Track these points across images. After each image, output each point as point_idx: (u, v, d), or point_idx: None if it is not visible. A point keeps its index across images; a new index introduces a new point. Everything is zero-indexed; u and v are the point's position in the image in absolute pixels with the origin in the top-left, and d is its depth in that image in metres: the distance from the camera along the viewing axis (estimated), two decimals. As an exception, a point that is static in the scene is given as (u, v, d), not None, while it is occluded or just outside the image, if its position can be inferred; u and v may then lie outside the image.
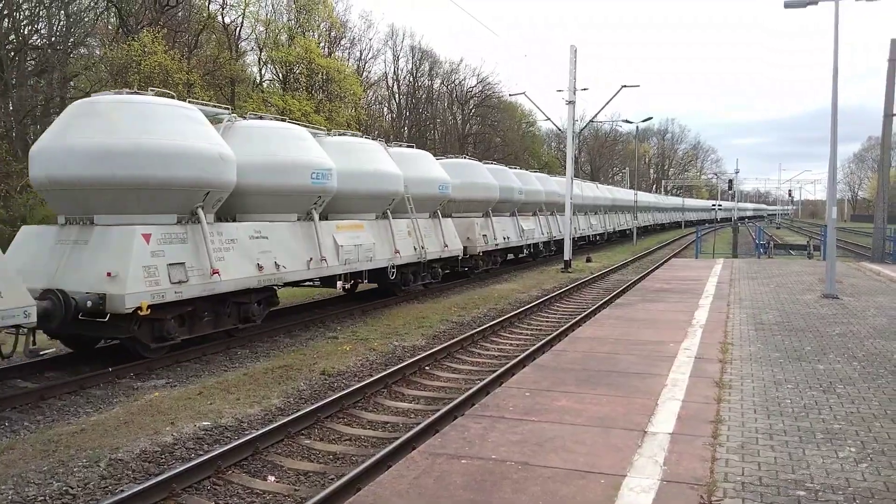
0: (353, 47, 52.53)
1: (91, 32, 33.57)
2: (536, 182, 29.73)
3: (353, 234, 15.57)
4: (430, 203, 19.76)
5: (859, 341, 9.91)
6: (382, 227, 17.04)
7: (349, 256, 15.13)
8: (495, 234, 23.68)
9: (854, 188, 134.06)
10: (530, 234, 27.58)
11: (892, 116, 25.20)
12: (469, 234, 21.88)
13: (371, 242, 16.06)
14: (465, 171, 23.04)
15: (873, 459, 5.36)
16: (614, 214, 47.02)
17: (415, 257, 18.04)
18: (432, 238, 19.32)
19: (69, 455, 6.93)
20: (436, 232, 19.64)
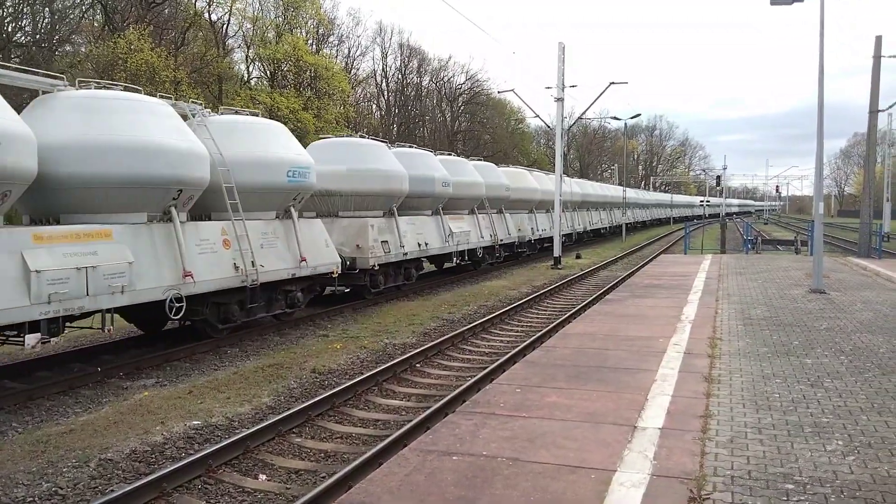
0: (341, 44, 52.51)
1: (76, 30, 33.34)
2: (474, 173, 24.02)
3: None
4: (271, 199, 13.56)
5: (846, 335, 10.00)
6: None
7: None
8: (402, 240, 18.07)
9: (840, 184, 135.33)
10: (463, 238, 22.07)
11: (877, 112, 25.44)
12: (360, 241, 16.48)
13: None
14: (343, 155, 17.49)
15: (860, 452, 5.42)
16: (602, 211, 46.84)
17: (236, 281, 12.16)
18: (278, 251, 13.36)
19: (58, 455, 6.89)
20: (286, 241, 13.64)
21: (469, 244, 22.57)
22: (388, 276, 17.97)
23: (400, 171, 18.34)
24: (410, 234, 18.85)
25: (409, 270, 19.24)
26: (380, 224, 17.39)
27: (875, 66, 24.70)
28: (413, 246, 18.80)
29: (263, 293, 12.80)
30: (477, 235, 23.38)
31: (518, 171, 30.61)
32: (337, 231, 16.62)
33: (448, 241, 21.01)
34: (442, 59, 64.69)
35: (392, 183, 17.97)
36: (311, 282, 14.59)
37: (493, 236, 24.62)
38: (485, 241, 23.83)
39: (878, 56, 24.63)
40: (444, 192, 20.92)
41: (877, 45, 24.73)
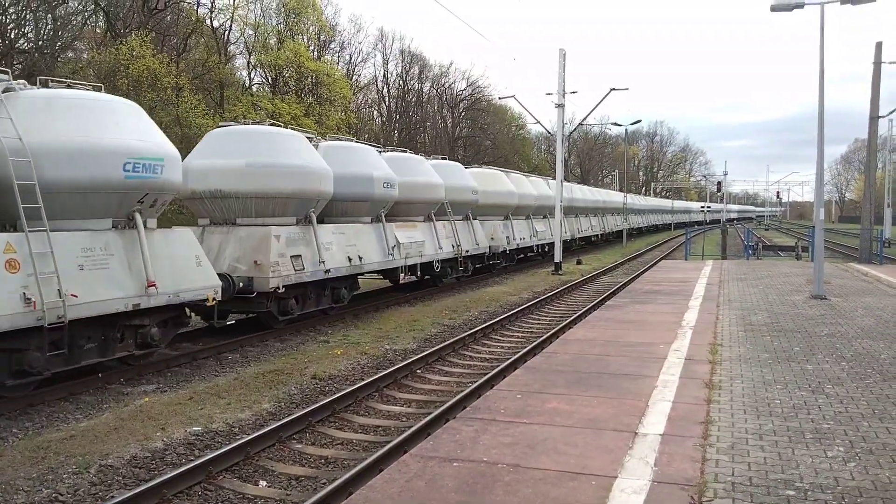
0: (342, 51, 52.65)
1: (79, 36, 33.46)
2: (430, 173, 20.53)
3: None
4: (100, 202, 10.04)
5: (847, 341, 9.99)
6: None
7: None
8: (322, 255, 14.38)
9: (841, 190, 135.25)
10: (414, 250, 18.63)
11: (878, 119, 25.47)
12: (259, 256, 12.93)
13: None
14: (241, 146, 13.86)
15: (861, 458, 5.41)
16: (603, 217, 46.44)
17: None
18: None
19: (59, 462, 6.88)
20: None
21: (423, 256, 19.01)
22: (305, 298, 14.39)
23: (320, 168, 14.60)
24: (338, 246, 15.15)
25: (339, 291, 15.49)
26: (289, 234, 13.63)
27: (875, 72, 24.72)
28: (341, 261, 15.07)
29: (92, 332, 9.66)
30: (434, 246, 19.86)
31: (490, 173, 27.16)
32: (233, 243, 13.22)
33: (393, 254, 17.41)
34: (443, 65, 65.06)
35: (308, 182, 14.17)
36: (175, 313, 11.11)
37: (455, 247, 21.15)
38: (444, 253, 20.33)
39: (878, 62, 24.65)
40: (387, 194, 17.31)
41: (877, 51, 24.77)
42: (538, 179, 33.82)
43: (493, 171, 27.86)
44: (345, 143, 17.56)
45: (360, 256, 15.81)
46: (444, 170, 21.93)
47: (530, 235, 29.42)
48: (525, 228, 28.95)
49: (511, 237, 26.83)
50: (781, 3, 14.92)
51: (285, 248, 13.41)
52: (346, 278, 15.74)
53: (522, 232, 28.45)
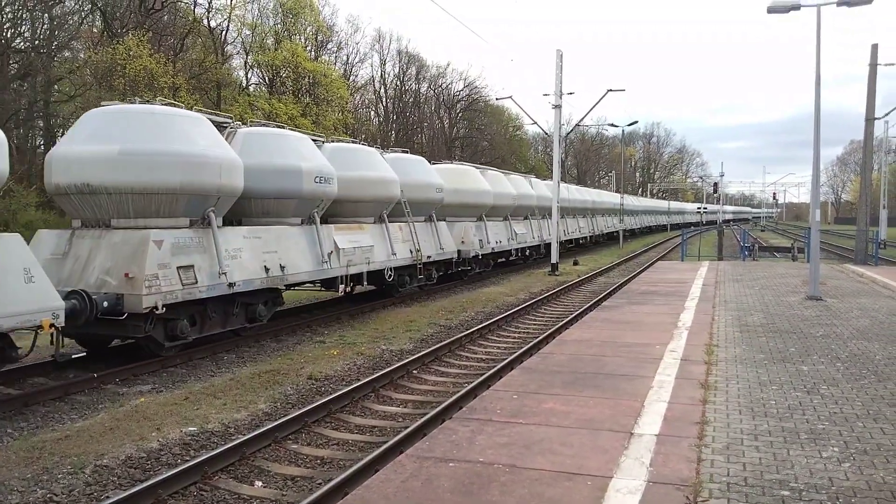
0: (339, 51, 52.60)
1: (75, 36, 33.37)
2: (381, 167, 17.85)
3: None
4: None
5: (843, 342, 10.02)
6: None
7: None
8: (222, 265, 11.64)
9: (837, 191, 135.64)
10: (359, 256, 16.01)
11: (873, 120, 25.54)
12: (132, 268, 10.39)
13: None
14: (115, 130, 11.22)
15: (856, 459, 5.42)
16: (593, 218, 45.53)
17: None
18: None
19: (53, 462, 6.86)
20: None
21: (371, 264, 16.42)
22: (204, 318, 11.83)
23: (222, 157, 11.87)
24: (251, 253, 12.47)
25: (254, 307, 12.83)
26: (177, 239, 11.06)
27: (871, 74, 24.81)
28: (254, 271, 12.40)
29: None
30: (386, 252, 17.27)
31: (461, 169, 24.67)
32: (105, 251, 10.72)
33: (330, 262, 14.73)
34: (440, 65, 65.11)
35: (204, 174, 11.49)
36: None
37: (415, 252, 18.61)
38: (400, 260, 17.81)
39: (874, 64, 24.74)
40: (320, 191, 14.59)
41: (873, 53, 24.85)
42: (518, 177, 31.06)
43: (464, 167, 25.45)
44: (269, 130, 14.75)
45: (282, 265, 13.08)
46: (403, 164, 19.35)
47: (508, 238, 26.70)
48: (502, 231, 26.39)
49: (485, 240, 24.02)
50: (778, 4, 14.96)
51: (170, 258, 10.79)
52: (263, 292, 12.92)
53: (499, 234, 25.78)
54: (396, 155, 20.26)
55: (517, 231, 27.79)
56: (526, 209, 29.68)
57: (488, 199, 24.78)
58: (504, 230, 26.63)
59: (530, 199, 29.88)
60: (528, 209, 29.88)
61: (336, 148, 16.95)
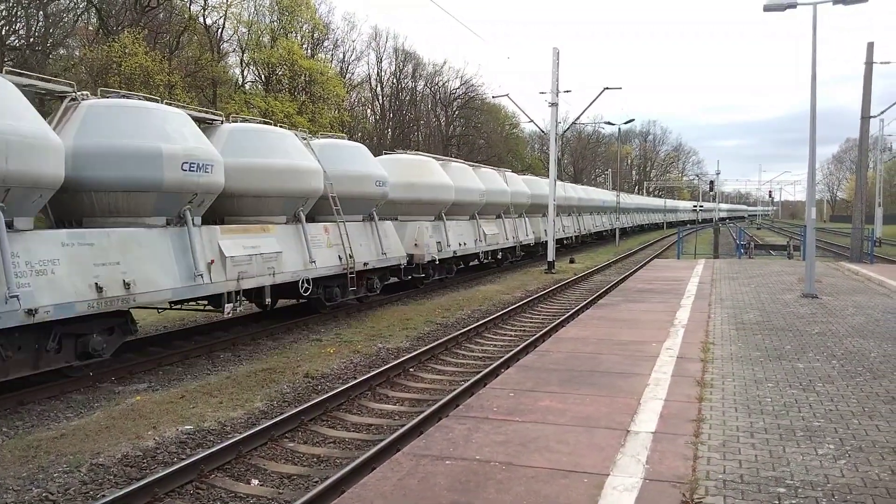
0: (336, 49, 52.55)
1: (70, 33, 33.29)
2: (294, 152, 14.26)
3: None
4: None
5: (838, 340, 10.04)
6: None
7: None
8: (10, 283, 8.21)
9: (833, 189, 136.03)
10: (260, 267, 12.64)
11: (869, 118, 25.60)
12: None
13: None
14: None
15: (851, 456, 5.44)
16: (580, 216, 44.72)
17: None
18: None
19: (49, 461, 6.85)
20: None
21: (277, 275, 13.01)
22: None
23: (25, 132, 8.58)
24: (71, 266, 9.18)
25: (87, 339, 9.66)
26: None
27: (867, 72, 24.87)
28: (78, 291, 9.16)
29: None
30: (302, 259, 13.81)
31: (413, 160, 21.34)
32: None
33: (208, 275, 11.39)
34: (437, 63, 64.76)
35: None
36: None
37: (346, 258, 15.12)
38: (322, 269, 14.38)
39: (869, 62, 24.80)
40: (193, 182, 11.22)
41: (868, 51, 24.91)
42: (490, 171, 27.66)
43: (420, 157, 22.17)
44: (122, 103, 11.25)
45: (127, 281, 9.84)
46: (332, 152, 16.05)
47: (475, 240, 23.56)
48: (468, 231, 23.19)
49: (444, 243, 20.82)
50: (774, 3, 14.97)
51: None
52: (98, 319, 9.73)
53: (464, 236, 22.62)
54: (327, 141, 16.93)
55: (486, 231, 24.67)
56: (498, 206, 26.54)
57: (448, 194, 21.13)
58: (470, 231, 23.43)
59: (503, 195, 26.64)
60: (501, 207, 26.75)
61: (235, 130, 13.53)
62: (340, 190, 15.59)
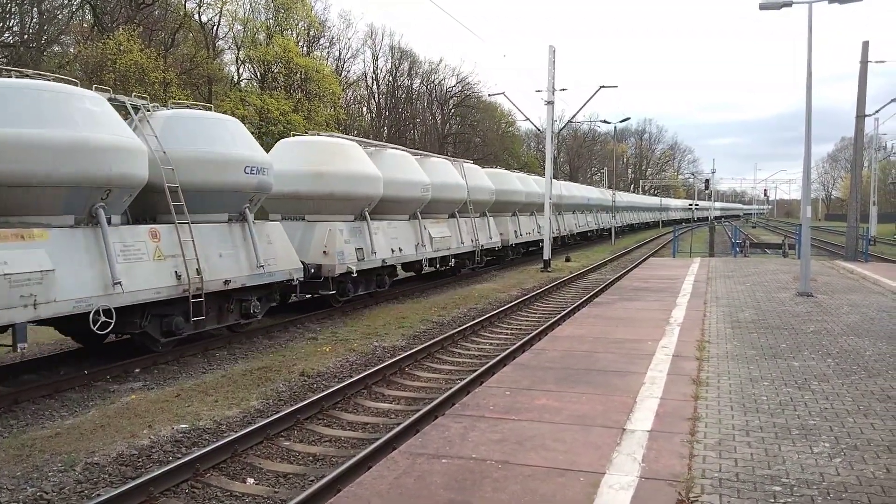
0: (331, 46, 52.44)
1: (65, 30, 33.14)
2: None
3: None
4: None
5: (833, 338, 10.07)
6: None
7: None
8: None
9: (828, 188, 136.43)
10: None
11: (864, 117, 25.67)
12: None
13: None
14: None
15: (847, 454, 5.45)
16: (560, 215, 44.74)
17: None
18: None
19: (44, 460, 6.82)
20: None
21: (40, 306, 8.77)
22: None
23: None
24: None
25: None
26: None
27: (862, 71, 24.90)
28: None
29: None
30: (94, 281, 9.62)
31: (326, 143, 16.84)
32: None
33: None
34: (433, 61, 65.08)
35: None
36: None
37: (187, 278, 10.96)
38: (150, 290, 10.46)
39: (864, 61, 24.84)
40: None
41: (863, 50, 24.95)
42: (442, 161, 23.04)
43: (334, 140, 17.43)
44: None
45: None
46: (177, 128, 11.82)
47: (417, 244, 19.41)
48: (406, 234, 19.06)
49: (368, 249, 16.64)
50: (770, 1, 14.99)
51: None
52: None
53: (400, 240, 18.49)
54: (173, 112, 12.29)
55: (433, 234, 20.51)
56: (450, 204, 22.03)
57: (372, 188, 16.81)
58: (410, 233, 19.33)
59: (458, 190, 22.36)
60: (455, 204, 22.19)
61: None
62: (187, 180, 11.48)
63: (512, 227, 28.24)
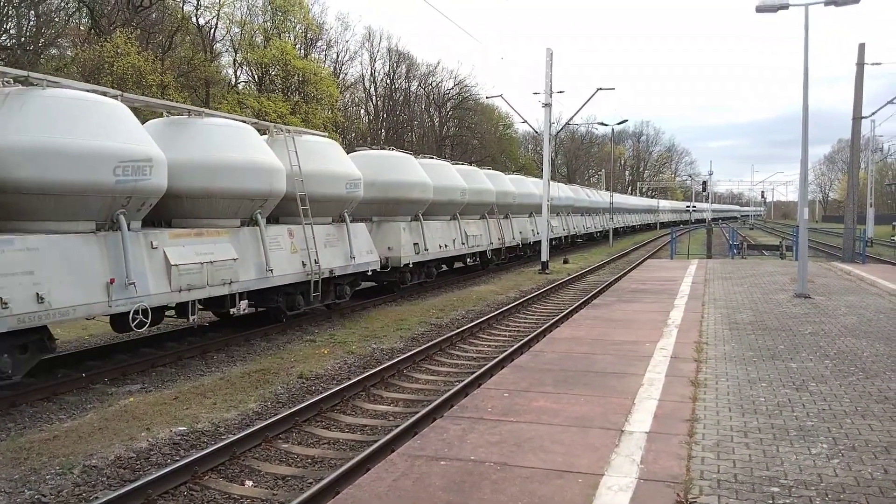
0: (329, 49, 52.49)
1: (62, 33, 33.11)
2: None
3: None
4: None
5: (831, 340, 10.08)
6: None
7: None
8: None
9: (825, 189, 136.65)
10: None
11: (860, 119, 25.71)
12: None
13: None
14: None
15: (844, 455, 5.46)
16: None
17: None
18: None
19: (42, 462, 6.81)
20: None
21: None
22: None
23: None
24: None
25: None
26: None
27: (858, 73, 24.97)
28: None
29: None
30: None
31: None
32: None
33: None
34: (430, 64, 64.96)
35: None
36: None
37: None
38: None
39: (861, 63, 24.90)
40: None
41: (860, 52, 25.01)
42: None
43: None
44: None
45: None
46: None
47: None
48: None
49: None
50: (766, 4, 15.03)
51: None
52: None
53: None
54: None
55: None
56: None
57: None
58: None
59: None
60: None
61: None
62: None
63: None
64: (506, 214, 28.14)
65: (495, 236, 25.89)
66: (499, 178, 27.97)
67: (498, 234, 26.34)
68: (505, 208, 27.80)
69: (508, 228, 28.02)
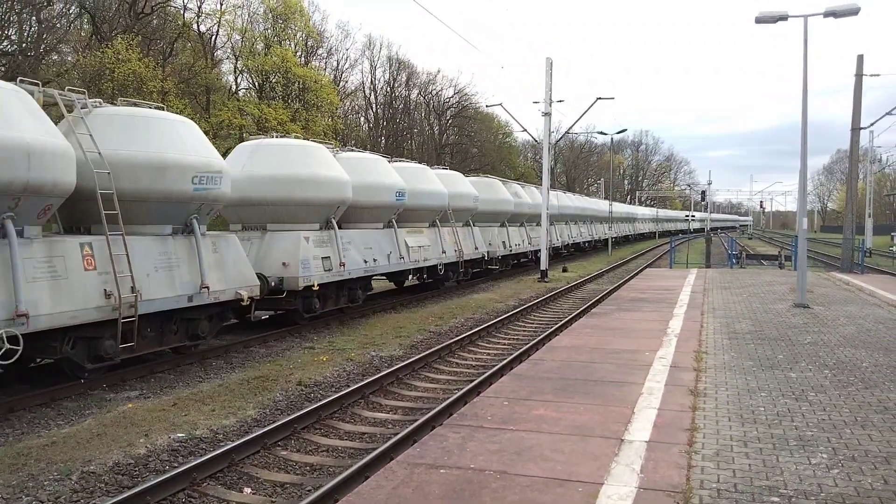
0: (329, 57, 52.65)
1: (64, 39, 33.20)
2: None
3: None
4: None
5: (830, 350, 10.09)
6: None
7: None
8: None
9: (823, 200, 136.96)
10: None
11: (859, 130, 25.80)
12: None
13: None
14: None
15: (844, 465, 5.46)
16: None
17: None
18: None
19: (39, 469, 6.79)
20: None
21: None
22: None
23: None
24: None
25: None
26: None
27: (857, 84, 25.06)
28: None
29: None
30: None
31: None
32: None
33: None
34: (430, 72, 65.01)
35: None
36: None
37: None
38: None
39: (859, 74, 25.00)
40: None
41: (858, 63, 25.13)
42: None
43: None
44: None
45: None
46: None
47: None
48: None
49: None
50: (766, 14, 15.12)
51: None
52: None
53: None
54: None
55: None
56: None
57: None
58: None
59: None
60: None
61: None
62: None
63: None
64: (466, 222, 24.18)
65: (451, 248, 22.00)
66: (454, 179, 23.85)
67: (454, 245, 22.36)
68: (464, 214, 23.76)
69: (469, 238, 23.91)
